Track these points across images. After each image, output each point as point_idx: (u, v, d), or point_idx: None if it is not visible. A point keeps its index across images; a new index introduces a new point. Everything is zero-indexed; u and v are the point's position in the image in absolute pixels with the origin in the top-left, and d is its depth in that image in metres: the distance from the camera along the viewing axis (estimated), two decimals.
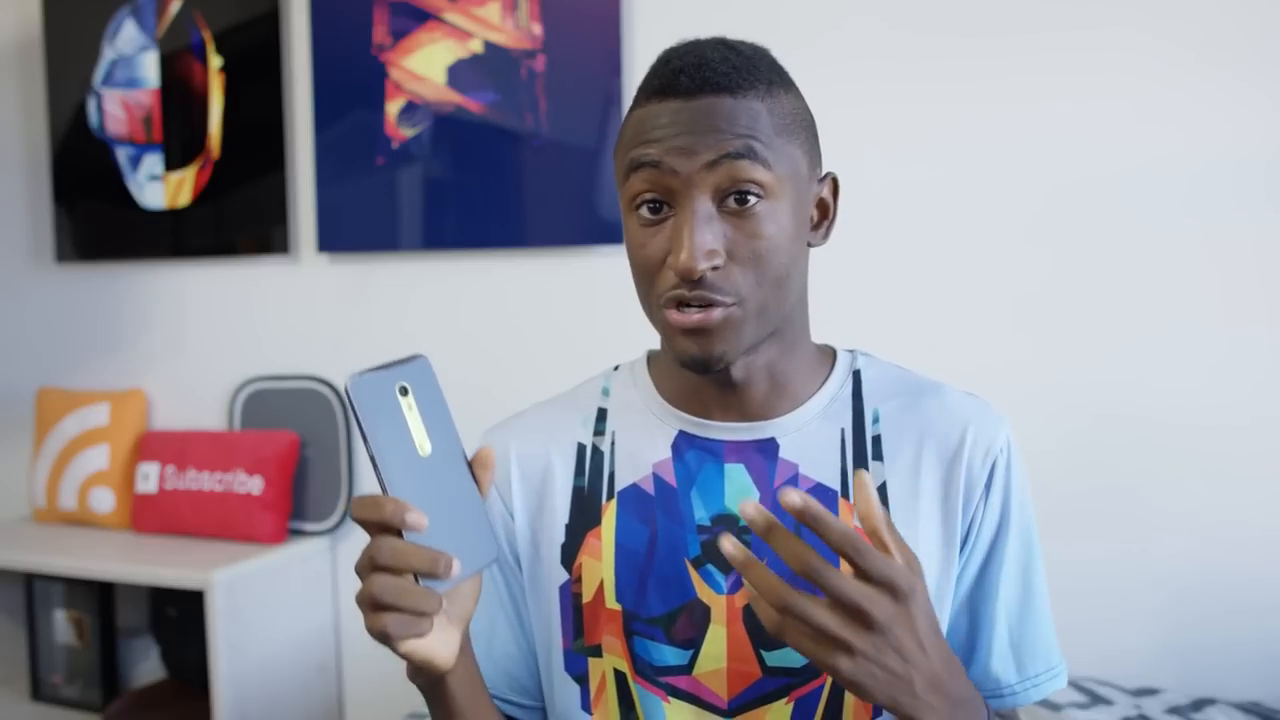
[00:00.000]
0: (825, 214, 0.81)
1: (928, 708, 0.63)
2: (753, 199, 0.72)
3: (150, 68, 2.25)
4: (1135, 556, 1.64)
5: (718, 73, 0.73)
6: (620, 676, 0.81)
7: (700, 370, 0.76)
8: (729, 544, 0.61)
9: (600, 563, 0.82)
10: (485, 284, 2.02)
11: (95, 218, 2.34)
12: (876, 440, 0.81)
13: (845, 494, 0.79)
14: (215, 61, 2.19)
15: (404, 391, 0.63)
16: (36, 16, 2.38)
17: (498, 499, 0.87)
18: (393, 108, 2.03)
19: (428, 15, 1.99)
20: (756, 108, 0.73)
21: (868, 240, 1.74)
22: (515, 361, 1.99)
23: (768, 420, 0.81)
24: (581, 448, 0.86)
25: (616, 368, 0.91)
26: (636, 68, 1.86)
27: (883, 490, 0.80)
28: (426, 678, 0.70)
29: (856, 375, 0.84)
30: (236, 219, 2.21)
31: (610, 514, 0.83)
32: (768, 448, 0.81)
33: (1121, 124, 1.62)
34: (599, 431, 0.86)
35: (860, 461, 0.81)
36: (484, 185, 1.98)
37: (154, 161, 2.26)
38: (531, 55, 1.92)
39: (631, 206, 0.76)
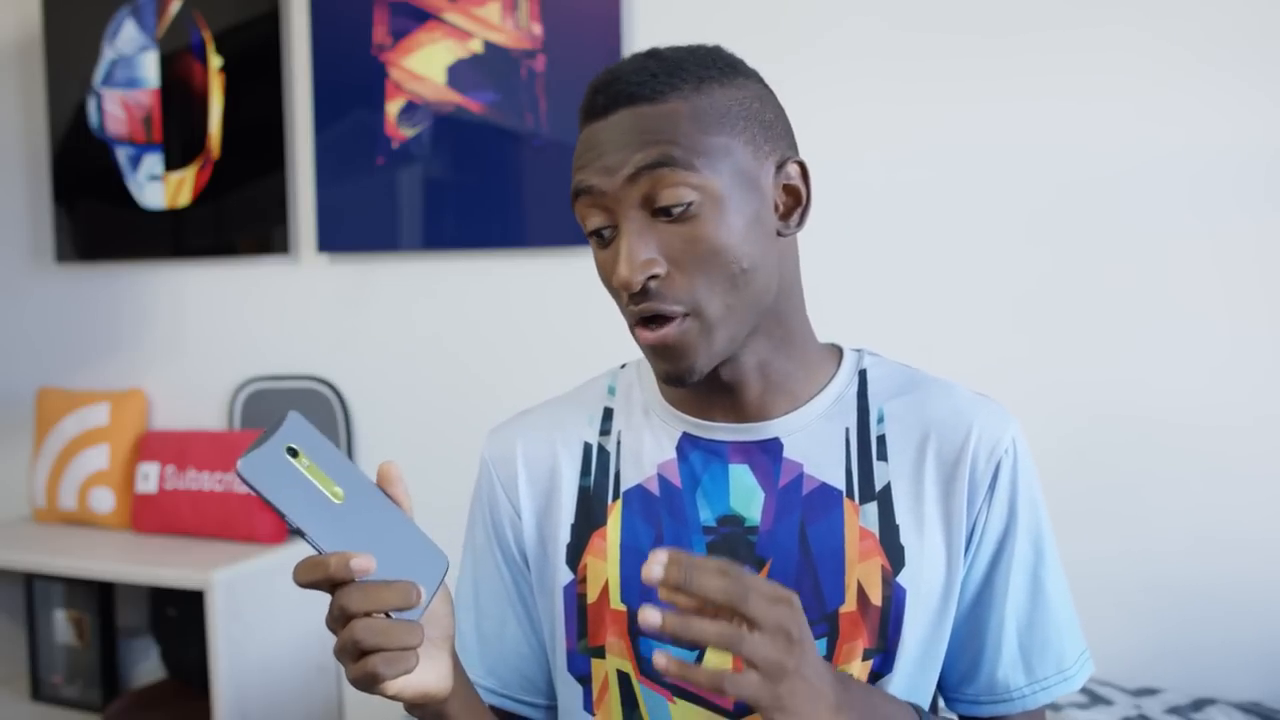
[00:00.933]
0: (797, 200, 0.78)
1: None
2: (682, 206, 0.71)
3: (150, 68, 2.25)
4: (1135, 556, 1.64)
5: (630, 84, 0.73)
6: (624, 677, 0.81)
7: (676, 384, 0.76)
8: (662, 660, 0.58)
9: (605, 563, 0.81)
10: (485, 284, 2.02)
11: (95, 218, 2.34)
12: (881, 440, 0.80)
13: (850, 494, 0.79)
14: (215, 61, 2.19)
15: (293, 453, 0.63)
16: (36, 16, 2.38)
17: (504, 499, 0.87)
18: (393, 108, 2.03)
19: (428, 15, 1.99)
20: (675, 110, 0.72)
21: (868, 239, 1.74)
22: (516, 361, 1.99)
23: (769, 420, 0.80)
24: (588, 447, 0.85)
25: (624, 366, 0.90)
26: None
27: (886, 491, 0.79)
28: (427, 710, 0.69)
29: (863, 374, 0.83)
30: (236, 219, 2.21)
31: (616, 514, 0.82)
32: (771, 448, 0.80)
33: (1122, 123, 1.62)
34: (605, 431, 0.86)
35: (865, 461, 0.80)
36: (484, 185, 1.98)
37: (154, 161, 2.26)
38: (531, 55, 1.92)
39: (587, 235, 0.77)
